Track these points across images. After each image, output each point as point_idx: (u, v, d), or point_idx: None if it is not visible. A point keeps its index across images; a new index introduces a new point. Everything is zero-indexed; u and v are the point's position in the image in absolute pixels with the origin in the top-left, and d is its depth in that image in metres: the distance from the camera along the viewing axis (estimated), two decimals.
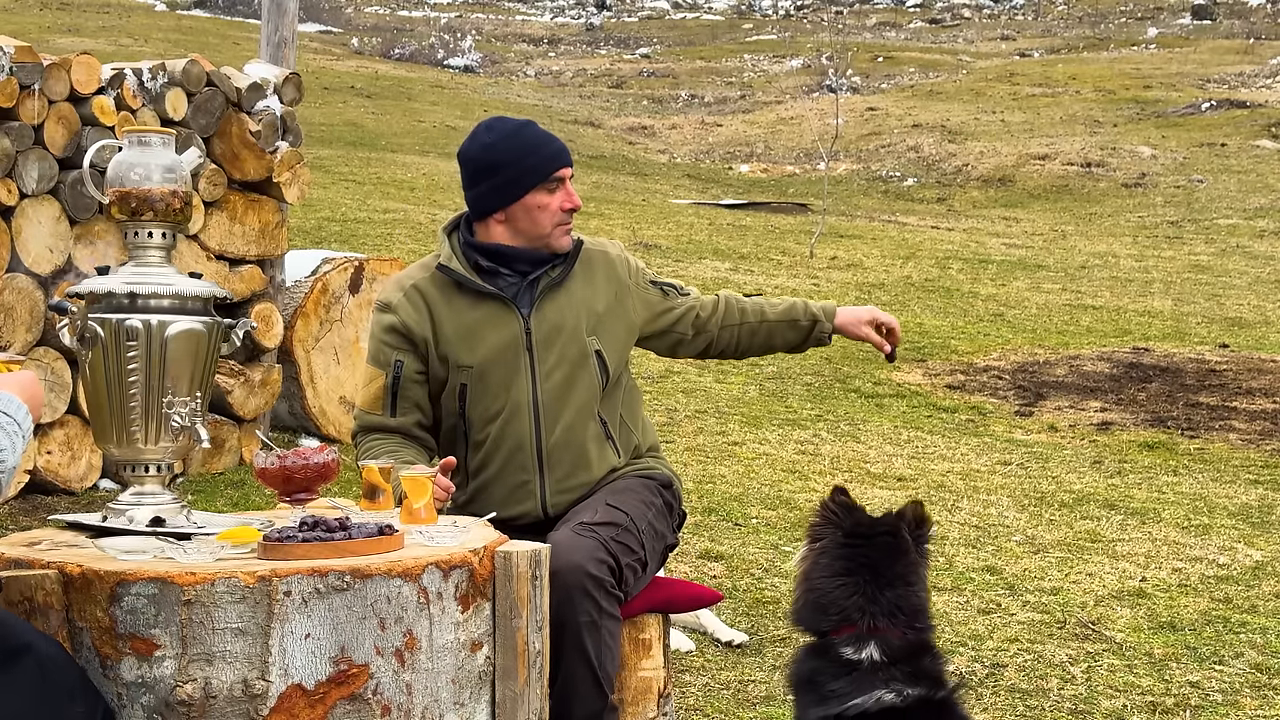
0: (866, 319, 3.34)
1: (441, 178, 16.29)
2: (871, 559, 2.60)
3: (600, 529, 2.89)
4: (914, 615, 2.59)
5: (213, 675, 2.21)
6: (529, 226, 3.08)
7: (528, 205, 3.06)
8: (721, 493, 6.16)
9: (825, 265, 13.42)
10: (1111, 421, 8.29)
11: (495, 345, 3.05)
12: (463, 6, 45.74)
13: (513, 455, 3.06)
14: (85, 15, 30.33)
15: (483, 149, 3.08)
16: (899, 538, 2.64)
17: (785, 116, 26.39)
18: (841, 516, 2.67)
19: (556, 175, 3.07)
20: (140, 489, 2.58)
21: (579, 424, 3.08)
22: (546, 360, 3.06)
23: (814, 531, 2.71)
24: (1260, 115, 23.31)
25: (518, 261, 3.09)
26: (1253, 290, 13.17)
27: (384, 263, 6.77)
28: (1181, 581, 5.23)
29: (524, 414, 3.05)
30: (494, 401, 3.06)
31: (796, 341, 3.37)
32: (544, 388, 3.05)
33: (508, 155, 3.05)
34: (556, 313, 3.08)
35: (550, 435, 3.06)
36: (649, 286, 3.26)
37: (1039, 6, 44.11)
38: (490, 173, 3.07)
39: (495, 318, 3.06)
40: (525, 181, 3.05)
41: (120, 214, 2.57)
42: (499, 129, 3.11)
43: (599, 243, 3.25)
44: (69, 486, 5.42)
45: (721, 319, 3.32)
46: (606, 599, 2.81)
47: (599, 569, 2.80)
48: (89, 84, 5.36)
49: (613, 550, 2.86)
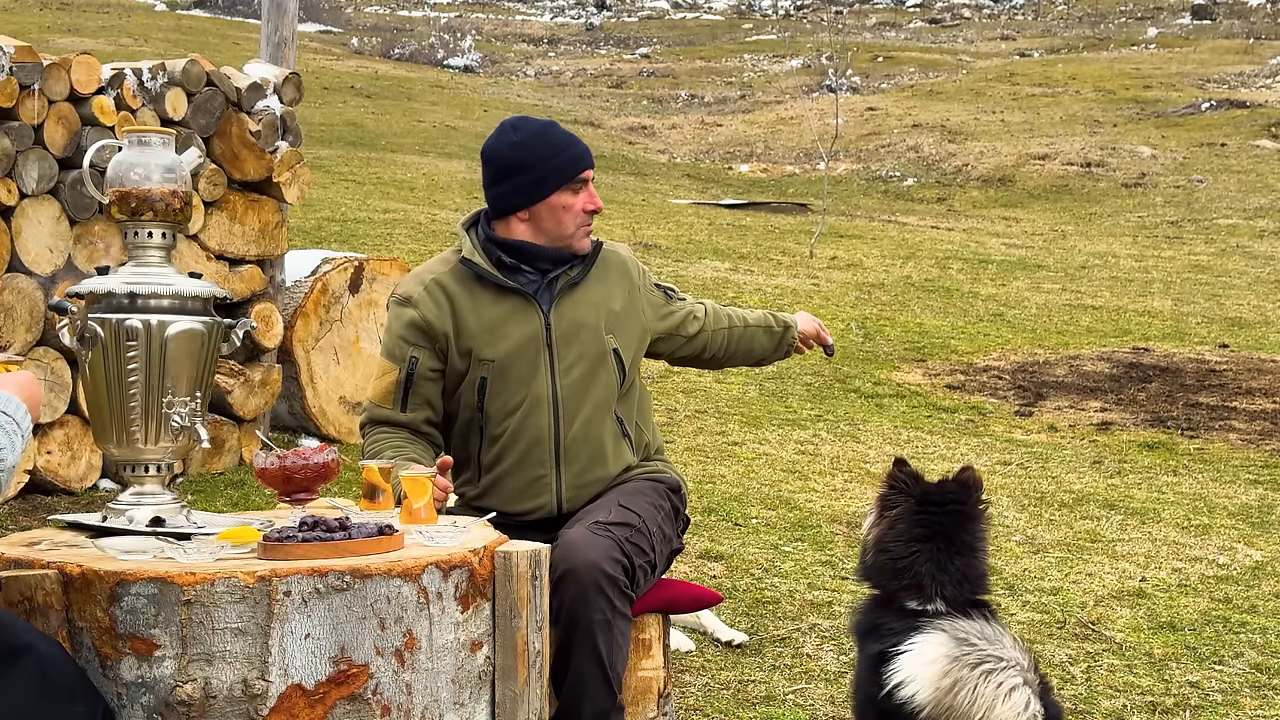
0: (815, 324, 3.57)
1: (441, 178, 16.29)
2: (943, 526, 2.84)
3: (615, 529, 2.90)
4: (977, 582, 2.85)
5: (213, 675, 2.21)
6: (552, 226, 3.10)
7: (552, 205, 3.08)
8: (721, 493, 6.16)
9: (825, 265, 13.42)
10: (1111, 421, 8.29)
11: (517, 340, 3.07)
12: (463, 6, 45.74)
13: (530, 449, 3.07)
14: (85, 15, 30.33)
15: (511, 147, 3.09)
16: (967, 505, 2.88)
17: (785, 116, 26.39)
18: (911, 485, 2.90)
19: (581, 177, 3.10)
20: (140, 489, 2.58)
21: (597, 420, 3.10)
22: (566, 356, 3.08)
23: (885, 500, 2.92)
24: (1260, 115, 23.31)
25: (539, 259, 3.11)
26: (1253, 290, 13.17)
27: (384, 263, 6.77)
28: (1181, 581, 5.23)
29: (543, 408, 3.07)
30: (514, 396, 3.07)
31: (771, 348, 3.50)
32: (563, 383, 3.07)
33: (534, 155, 3.07)
34: (576, 310, 3.10)
35: (569, 430, 3.08)
36: (654, 289, 3.31)
37: (1039, 6, 44.11)
38: (516, 171, 3.08)
39: (517, 313, 3.08)
40: (551, 181, 3.07)
41: (120, 214, 2.57)
42: (525, 128, 3.13)
43: (613, 245, 3.29)
44: (69, 486, 5.43)
45: (714, 323, 3.39)
46: (620, 598, 2.82)
47: (614, 568, 2.81)
48: (89, 84, 5.36)
49: (627, 550, 2.88)
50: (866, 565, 2.93)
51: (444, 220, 12.82)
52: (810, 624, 4.56)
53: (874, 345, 10.20)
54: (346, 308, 6.58)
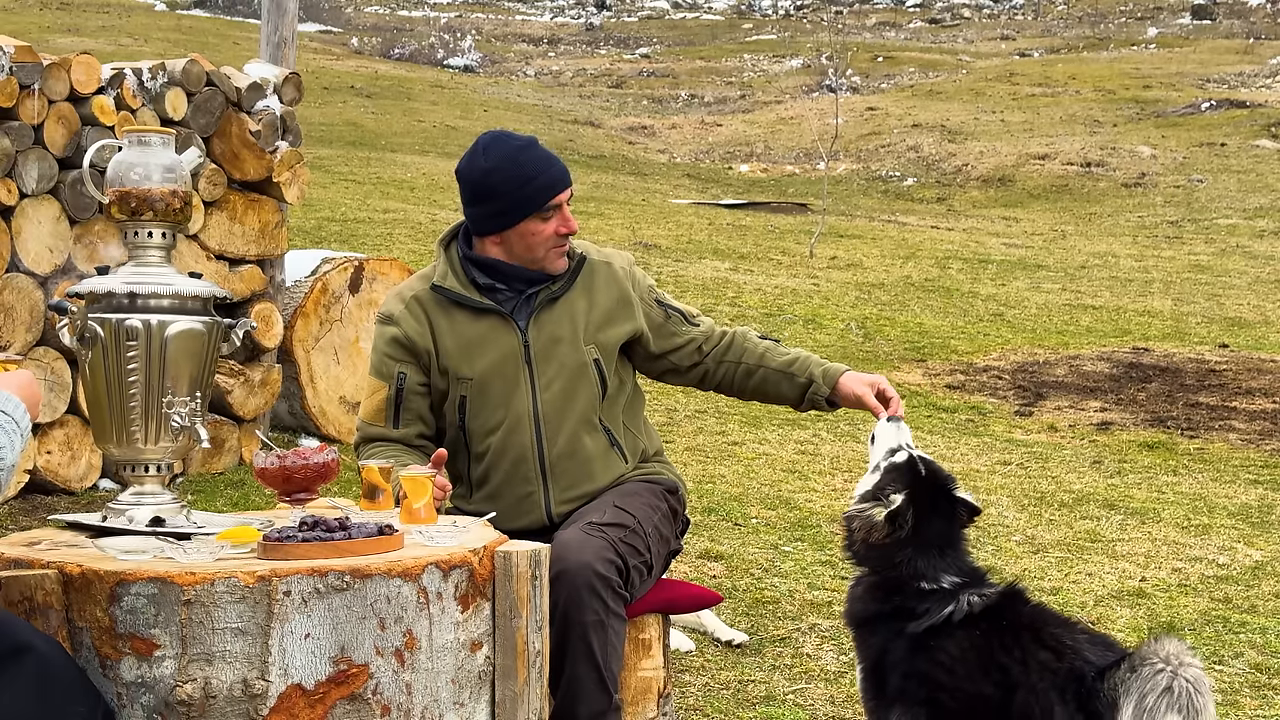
0: (868, 384, 3.17)
1: (441, 178, 16.29)
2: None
3: (609, 529, 2.89)
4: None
5: (212, 675, 2.21)
6: (523, 251, 3.08)
7: (521, 232, 3.05)
8: (721, 493, 6.16)
9: (825, 265, 13.42)
10: (1111, 421, 8.29)
11: (494, 358, 3.06)
12: (463, 6, 45.73)
13: (516, 467, 3.07)
14: (85, 15, 30.32)
15: (481, 174, 3.05)
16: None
17: (785, 116, 26.39)
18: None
19: (551, 204, 3.04)
20: (140, 489, 2.58)
21: (581, 434, 3.09)
22: (546, 372, 3.07)
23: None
24: (1260, 115, 23.30)
25: (515, 279, 3.10)
26: (1253, 290, 13.17)
27: (384, 263, 6.77)
28: (1181, 581, 5.23)
29: (525, 426, 3.06)
30: (493, 414, 3.07)
31: (792, 397, 3.22)
32: (544, 399, 3.06)
33: (503, 184, 3.02)
34: (554, 325, 3.09)
35: (553, 446, 3.07)
36: (653, 304, 3.23)
37: (1039, 6, 44.10)
38: (485, 199, 3.06)
39: (494, 331, 3.08)
40: (519, 211, 3.03)
41: (120, 214, 2.57)
42: (495, 152, 3.06)
43: (606, 254, 3.23)
44: (69, 486, 5.43)
45: (721, 353, 3.24)
46: (614, 599, 2.82)
47: (607, 569, 2.80)
48: (89, 84, 5.35)
49: (621, 551, 2.87)
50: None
51: (444, 220, 12.81)
52: (810, 624, 4.56)
53: (874, 345, 10.20)
54: (346, 308, 6.58)
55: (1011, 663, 2.67)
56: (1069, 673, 2.61)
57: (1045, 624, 2.74)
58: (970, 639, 2.73)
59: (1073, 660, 2.63)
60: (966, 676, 2.70)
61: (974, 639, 2.72)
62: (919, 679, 2.74)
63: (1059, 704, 2.58)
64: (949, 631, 2.74)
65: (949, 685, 2.71)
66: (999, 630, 2.73)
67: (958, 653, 2.72)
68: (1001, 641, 2.70)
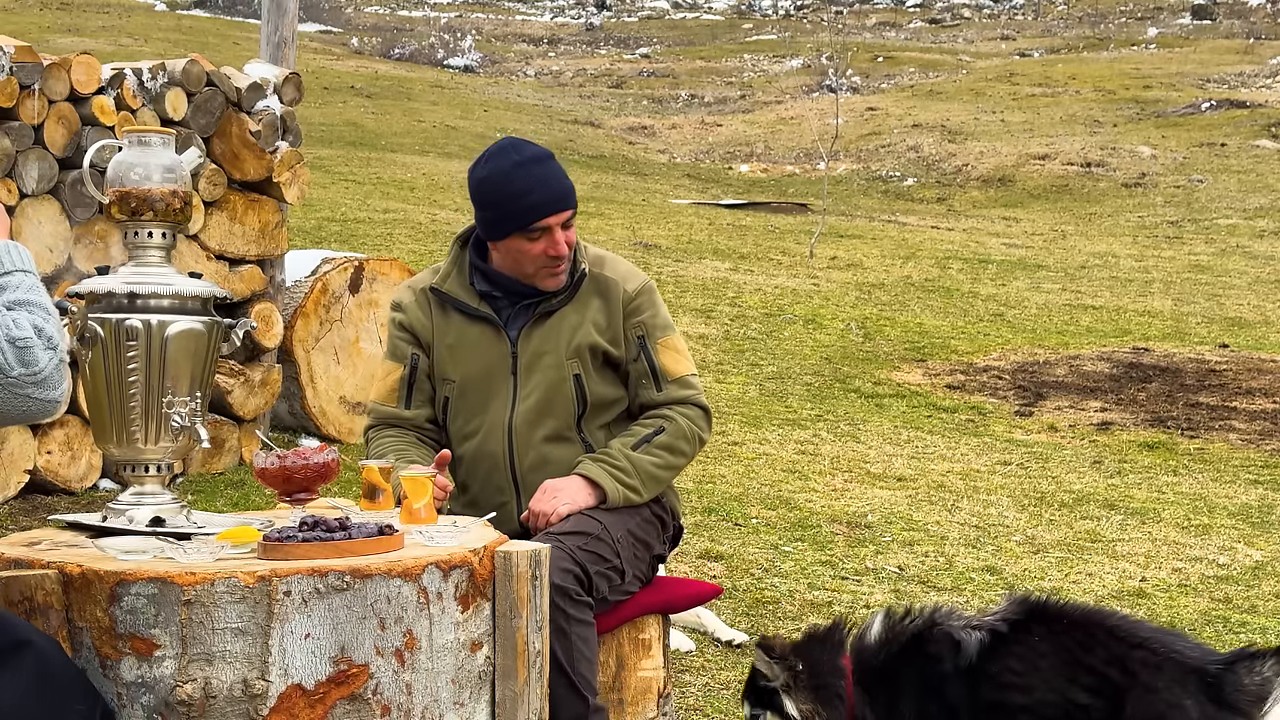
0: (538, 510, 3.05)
1: (441, 178, 16.29)
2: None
3: (566, 538, 2.88)
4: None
5: (213, 675, 2.21)
6: (512, 265, 3.08)
7: (509, 247, 3.05)
8: (721, 493, 6.16)
9: (825, 265, 13.41)
10: (1111, 421, 8.29)
11: (480, 364, 3.09)
12: (463, 6, 45.73)
13: (489, 476, 3.11)
14: (85, 15, 30.32)
15: (475, 182, 3.06)
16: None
17: (785, 116, 26.39)
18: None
19: (538, 226, 2.99)
20: (140, 489, 2.58)
21: (555, 448, 3.08)
22: (527, 384, 3.08)
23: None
24: (1260, 115, 23.30)
25: (512, 293, 3.11)
26: (1253, 290, 13.17)
27: (384, 263, 6.77)
28: (1181, 581, 5.23)
29: (499, 435, 3.08)
30: (470, 419, 3.10)
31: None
32: (519, 410, 3.07)
33: (491, 196, 3.02)
34: (542, 339, 3.09)
35: (524, 458, 3.08)
36: (638, 354, 3.11)
37: (1039, 6, 44.10)
38: (478, 206, 3.09)
39: (485, 338, 3.10)
40: (505, 226, 3.03)
41: (120, 214, 2.57)
42: (495, 162, 3.03)
43: (622, 273, 3.15)
44: (69, 486, 5.43)
45: (631, 435, 3.11)
46: (573, 606, 2.80)
47: (563, 577, 2.79)
48: (89, 84, 5.35)
49: (579, 559, 2.85)
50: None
51: (444, 220, 12.82)
52: (810, 624, 4.56)
53: (874, 345, 10.20)
54: (346, 308, 6.58)
55: (1103, 665, 2.67)
56: (1180, 667, 2.63)
57: (1103, 622, 2.75)
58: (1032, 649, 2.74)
59: (1173, 656, 2.65)
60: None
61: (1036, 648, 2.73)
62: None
63: (1188, 698, 2.61)
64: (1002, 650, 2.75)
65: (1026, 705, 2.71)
66: (1057, 636, 2.73)
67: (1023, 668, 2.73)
68: (1077, 645, 2.71)
